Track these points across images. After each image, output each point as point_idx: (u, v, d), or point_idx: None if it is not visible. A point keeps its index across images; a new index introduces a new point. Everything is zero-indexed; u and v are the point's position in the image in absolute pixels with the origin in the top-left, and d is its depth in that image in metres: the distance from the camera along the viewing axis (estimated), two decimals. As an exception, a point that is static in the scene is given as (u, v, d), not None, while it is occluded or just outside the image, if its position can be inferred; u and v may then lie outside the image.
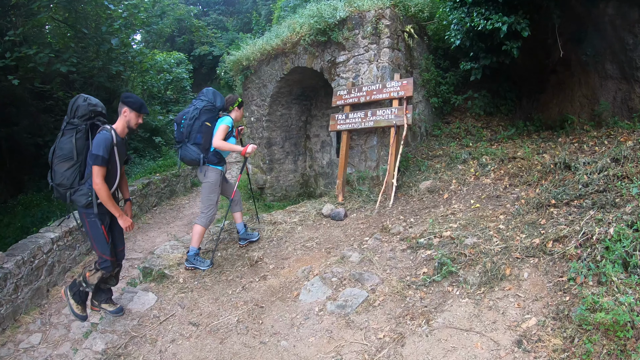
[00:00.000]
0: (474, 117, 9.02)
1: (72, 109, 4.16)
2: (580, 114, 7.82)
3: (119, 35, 12.53)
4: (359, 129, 7.51)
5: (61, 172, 4.11)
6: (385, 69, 7.52)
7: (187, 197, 12.35)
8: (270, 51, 10.01)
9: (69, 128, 4.14)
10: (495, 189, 6.09)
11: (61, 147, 4.11)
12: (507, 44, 6.51)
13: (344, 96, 7.78)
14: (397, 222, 5.98)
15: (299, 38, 8.99)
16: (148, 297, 5.33)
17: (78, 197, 4.15)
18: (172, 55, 19.91)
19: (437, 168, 7.44)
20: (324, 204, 7.51)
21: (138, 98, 4.39)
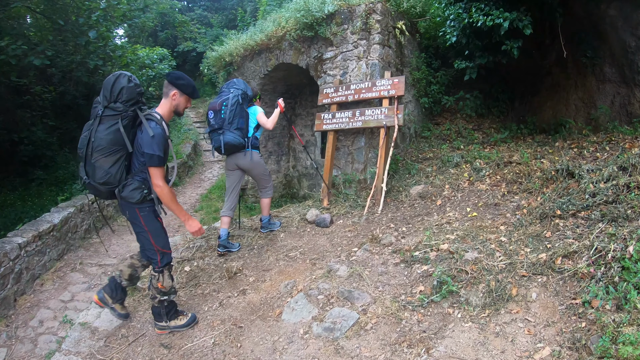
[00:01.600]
0: (464, 118, 8.51)
1: (112, 91, 3.41)
2: (576, 117, 7.35)
3: (98, 28, 11.72)
4: (346, 129, 6.91)
5: (106, 168, 3.46)
6: (375, 66, 6.93)
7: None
8: (254, 47, 9.37)
9: (109, 114, 3.43)
10: (492, 196, 5.55)
11: (101, 138, 3.41)
12: (507, 44, 5.97)
13: (330, 94, 7.17)
14: (388, 231, 5.40)
15: (284, 33, 8.37)
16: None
17: (130, 194, 3.57)
18: (155, 50, 19.07)
19: (428, 172, 6.88)
20: (308, 209, 6.90)
21: (190, 80, 3.78)
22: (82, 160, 3.51)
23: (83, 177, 3.52)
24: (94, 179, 3.48)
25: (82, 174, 3.53)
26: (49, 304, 5.67)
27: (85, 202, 7.99)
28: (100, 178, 3.45)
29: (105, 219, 5.00)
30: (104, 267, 6.81)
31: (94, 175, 3.46)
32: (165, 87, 3.66)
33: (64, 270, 6.63)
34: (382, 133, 6.41)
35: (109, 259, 7.25)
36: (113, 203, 9.31)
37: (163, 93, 3.69)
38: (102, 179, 3.46)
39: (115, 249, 7.67)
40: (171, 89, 3.63)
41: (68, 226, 7.26)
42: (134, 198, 3.56)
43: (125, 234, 8.42)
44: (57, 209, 7.46)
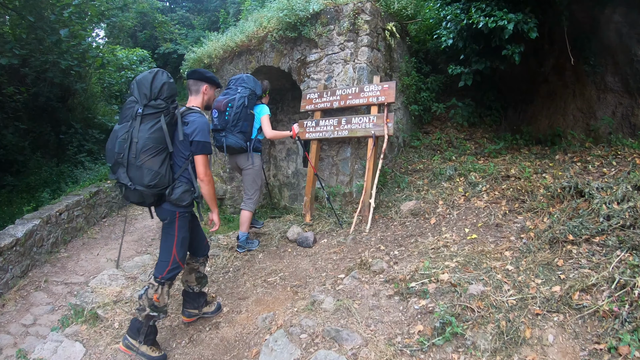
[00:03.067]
0: (455, 127, 7.92)
1: (152, 88, 3.22)
2: (574, 128, 6.82)
3: (71, 26, 10.86)
4: (330, 138, 6.24)
5: (155, 169, 3.22)
6: (363, 70, 6.29)
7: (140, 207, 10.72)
8: (234, 48, 8.66)
9: (150, 112, 3.22)
10: (492, 215, 4.93)
11: (147, 138, 3.19)
12: (509, 48, 5.38)
13: (314, 100, 6.50)
14: (378, 254, 4.73)
15: (265, 33, 7.68)
16: (75, 348, 3.99)
17: (182, 196, 3.40)
18: (135, 52, 18.17)
19: (419, 185, 6.25)
20: (289, 225, 6.21)
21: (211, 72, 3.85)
22: (122, 165, 3.22)
23: (127, 184, 3.23)
24: (141, 183, 3.21)
25: (125, 181, 3.22)
26: (10, 328, 5.07)
27: (52, 214, 7.31)
28: (150, 181, 3.20)
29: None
30: (70, 286, 6.14)
31: (142, 179, 3.20)
32: (193, 85, 3.66)
33: (27, 289, 5.99)
34: (370, 143, 5.76)
35: (76, 276, 6.52)
36: (84, 213, 8.54)
37: (191, 91, 3.68)
38: (153, 181, 3.21)
39: (83, 265, 6.93)
40: (201, 84, 3.66)
41: (33, 240, 6.60)
42: (185, 201, 3.41)
43: (95, 247, 7.68)
44: (22, 221, 6.76)
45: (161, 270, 3.51)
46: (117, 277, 5.36)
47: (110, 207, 9.87)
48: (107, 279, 5.27)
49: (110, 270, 5.54)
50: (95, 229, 8.85)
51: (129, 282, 5.27)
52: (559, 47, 6.60)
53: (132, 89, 3.28)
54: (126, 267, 5.73)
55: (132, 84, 3.29)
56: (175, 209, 3.44)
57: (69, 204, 8.09)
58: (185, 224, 3.55)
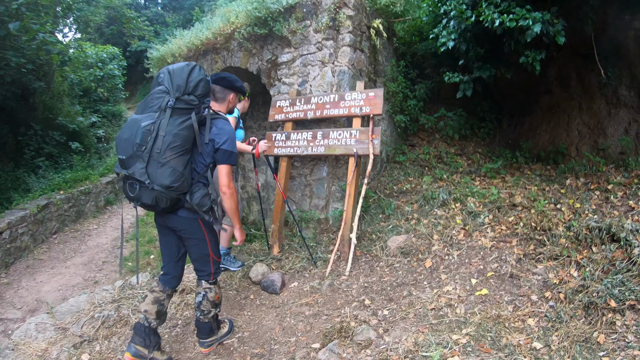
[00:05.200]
0: (444, 140, 6.76)
1: (188, 82, 2.79)
2: (579, 145, 5.73)
3: (22, 20, 9.28)
4: (304, 155, 4.97)
5: (180, 170, 2.76)
6: (344, 74, 5.05)
7: (97, 220, 9.26)
8: (199, 46, 7.31)
9: (181, 107, 2.78)
10: (502, 259, 3.76)
11: (176, 134, 2.73)
12: (528, 54, 4.18)
13: (285, 109, 5.22)
14: (363, 313, 3.49)
15: (233, 30, 6.36)
16: None
17: (202, 201, 2.93)
18: (105, 49, 16.53)
19: (407, 212, 5.04)
20: (253, 259, 4.94)
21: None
22: (141, 160, 2.70)
23: (145, 181, 2.69)
24: (161, 183, 2.71)
25: (143, 177, 2.70)
26: None
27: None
28: (172, 181, 2.74)
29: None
30: (4, 323, 4.93)
31: (163, 177, 2.71)
32: (220, 92, 3.32)
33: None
34: (352, 164, 4.52)
35: (13, 310, 5.24)
36: (30, 230, 7.21)
37: (217, 98, 3.32)
38: (175, 183, 2.75)
39: (23, 295, 5.61)
40: (229, 93, 3.37)
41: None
42: (205, 205, 2.96)
43: (40, 272, 6.33)
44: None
45: (208, 275, 3.25)
46: (45, 327, 4.07)
47: (62, 222, 8.44)
48: (34, 330, 3.98)
49: (39, 317, 4.25)
50: (43, 247, 7.46)
51: (58, 334, 3.97)
52: (566, 54, 5.49)
53: (162, 78, 2.84)
54: (59, 312, 4.39)
55: (162, 73, 2.85)
56: (196, 215, 3.00)
57: (12, 220, 6.78)
58: (211, 229, 3.14)
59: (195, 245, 3.15)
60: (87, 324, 4.00)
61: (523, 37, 3.97)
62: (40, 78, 11.51)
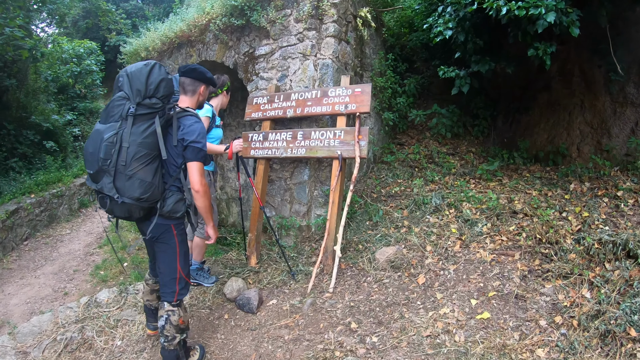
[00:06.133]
0: (435, 138, 6.31)
1: (148, 84, 2.55)
2: (581, 146, 5.31)
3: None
4: (282, 157, 4.47)
5: (149, 180, 2.58)
6: (327, 68, 4.56)
7: (70, 224, 8.68)
8: (174, 39, 6.77)
9: (143, 112, 2.56)
10: (505, 276, 3.32)
11: (140, 142, 2.53)
12: (538, 46, 3.72)
13: (262, 106, 4.72)
14: (349, 340, 3.02)
15: (208, 21, 5.84)
16: None
17: (175, 207, 2.77)
18: (83, 44, 15.79)
19: (397, 219, 4.58)
20: (228, 275, 4.44)
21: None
22: (108, 174, 2.54)
23: (114, 196, 2.55)
24: (131, 196, 2.56)
25: (112, 192, 2.55)
26: None
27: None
28: (142, 193, 2.58)
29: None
30: None
31: (132, 190, 2.55)
32: (190, 84, 2.97)
33: None
34: (336, 167, 4.04)
35: None
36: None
37: (186, 91, 2.97)
38: (145, 194, 2.59)
39: None
40: (199, 85, 3.02)
41: None
42: (179, 211, 2.81)
43: (9, 282, 5.82)
44: None
45: (171, 295, 2.95)
46: (6, 350, 3.72)
47: (33, 227, 7.88)
48: (-8, 355, 3.60)
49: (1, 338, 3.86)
50: (13, 255, 6.89)
51: (18, 360, 3.54)
52: (570, 48, 5.07)
53: (122, 82, 2.63)
54: (20, 333, 3.97)
55: (121, 77, 2.65)
56: (169, 222, 2.84)
57: (-21, 228, 6.20)
58: (183, 236, 2.97)
59: (164, 253, 2.93)
60: (49, 348, 3.65)
61: (532, 27, 3.50)
62: (14, 75, 10.87)
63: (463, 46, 4.42)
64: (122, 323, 3.89)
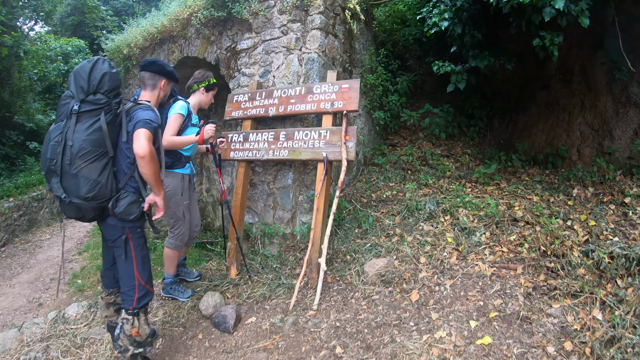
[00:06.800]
0: (429, 139, 5.92)
1: (90, 80, 2.49)
2: (581, 148, 4.96)
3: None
4: (264, 160, 4.06)
5: (94, 178, 2.48)
6: (313, 62, 4.16)
7: (51, 229, 8.24)
8: (156, 34, 6.37)
9: (87, 109, 2.49)
10: (507, 294, 2.94)
11: (83, 140, 2.45)
12: (545, 36, 3.35)
13: (243, 104, 4.31)
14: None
15: (189, 14, 5.43)
16: None
17: (127, 209, 2.58)
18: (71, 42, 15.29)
19: (388, 227, 4.19)
20: (206, 288, 4.03)
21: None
22: (55, 174, 2.50)
23: (61, 196, 2.51)
24: (77, 195, 2.50)
25: (59, 192, 2.51)
26: None
27: None
28: (88, 192, 2.49)
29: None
30: None
31: (78, 189, 2.49)
32: (150, 79, 2.85)
33: None
34: (321, 171, 3.64)
35: None
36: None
37: (146, 86, 2.86)
38: (91, 192, 2.49)
39: None
40: (159, 79, 2.88)
41: None
42: (132, 214, 2.61)
43: None
44: None
45: (129, 300, 2.79)
46: None
47: (12, 232, 7.49)
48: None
49: None
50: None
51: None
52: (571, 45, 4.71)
53: (69, 81, 2.58)
54: None
55: (70, 76, 2.58)
56: (123, 224, 2.68)
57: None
58: (140, 241, 2.78)
59: (120, 258, 2.77)
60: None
61: (537, 16, 3.12)
62: (-1, 73, 10.40)
63: (460, 39, 4.04)
64: (90, 342, 3.50)
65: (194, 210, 3.99)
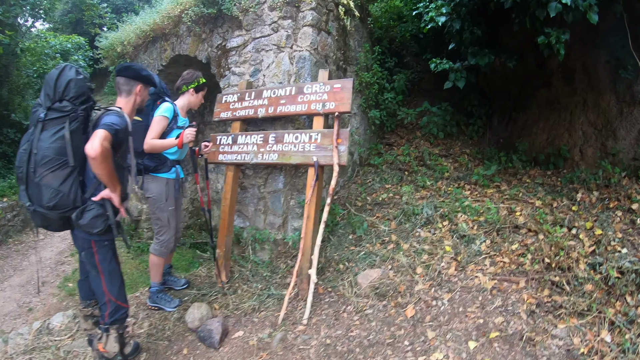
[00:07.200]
0: (426, 138, 5.69)
1: (57, 87, 2.43)
2: (584, 148, 4.73)
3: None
4: (252, 163, 3.83)
5: (55, 187, 2.42)
6: (304, 61, 3.91)
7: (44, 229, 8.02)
8: (148, 32, 6.12)
9: (54, 117, 2.44)
10: (508, 311, 2.72)
11: (47, 148, 2.40)
12: (551, 33, 3.10)
13: (232, 105, 4.07)
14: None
15: (181, 11, 5.19)
16: None
17: (92, 222, 2.49)
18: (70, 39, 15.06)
19: (383, 233, 3.96)
20: (193, 297, 3.82)
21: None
22: (22, 182, 2.50)
23: (26, 204, 2.51)
24: (40, 204, 2.45)
25: (25, 200, 2.51)
26: None
27: None
28: (48, 200, 2.43)
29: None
30: None
31: (41, 198, 2.44)
32: (124, 84, 2.73)
33: None
34: (312, 176, 3.41)
35: None
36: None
37: (121, 91, 2.74)
38: (52, 202, 2.43)
39: None
40: (135, 84, 2.75)
41: None
42: (96, 228, 2.51)
43: None
44: None
45: (102, 315, 2.71)
46: None
47: (5, 233, 7.26)
48: None
49: None
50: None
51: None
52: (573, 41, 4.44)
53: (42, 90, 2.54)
54: None
55: None
56: (89, 237, 2.57)
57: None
58: (107, 255, 2.65)
59: (90, 272, 2.71)
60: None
61: (542, 11, 2.88)
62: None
63: (458, 36, 3.79)
64: (73, 355, 3.29)
65: (179, 215, 3.80)
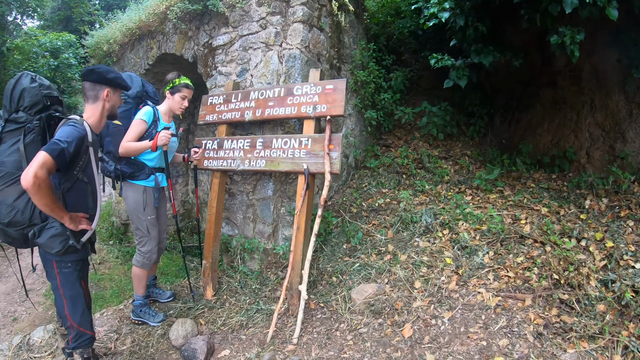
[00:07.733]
0: (425, 139, 5.43)
1: (12, 98, 2.32)
2: (591, 150, 4.47)
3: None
4: (239, 170, 3.57)
5: (10, 202, 2.27)
6: (295, 60, 3.65)
7: (33, 231, 7.76)
8: (134, 30, 5.86)
9: (10, 129, 2.31)
10: (515, 333, 2.48)
11: (3, 162, 2.27)
12: (565, 32, 2.85)
13: (218, 107, 3.81)
14: None
15: (166, 8, 4.93)
16: None
17: (49, 242, 2.31)
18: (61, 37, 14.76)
19: (379, 243, 3.71)
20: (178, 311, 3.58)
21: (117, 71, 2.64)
22: None
23: None
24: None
25: None
26: None
27: None
28: (4, 217, 2.27)
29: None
30: None
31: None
32: (90, 89, 2.44)
33: None
34: (302, 184, 3.16)
35: None
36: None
37: (87, 98, 2.46)
38: (6, 218, 2.27)
39: None
40: (101, 88, 2.46)
41: None
42: (54, 248, 2.33)
43: None
44: None
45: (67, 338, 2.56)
46: None
47: (-9, 240, 6.96)
48: None
49: None
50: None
51: None
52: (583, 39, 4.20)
53: None
54: None
55: None
56: (50, 257, 2.39)
57: None
58: (69, 278, 2.43)
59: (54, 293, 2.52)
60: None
61: (555, 6, 2.62)
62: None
63: (461, 33, 3.52)
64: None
65: (162, 225, 3.55)
